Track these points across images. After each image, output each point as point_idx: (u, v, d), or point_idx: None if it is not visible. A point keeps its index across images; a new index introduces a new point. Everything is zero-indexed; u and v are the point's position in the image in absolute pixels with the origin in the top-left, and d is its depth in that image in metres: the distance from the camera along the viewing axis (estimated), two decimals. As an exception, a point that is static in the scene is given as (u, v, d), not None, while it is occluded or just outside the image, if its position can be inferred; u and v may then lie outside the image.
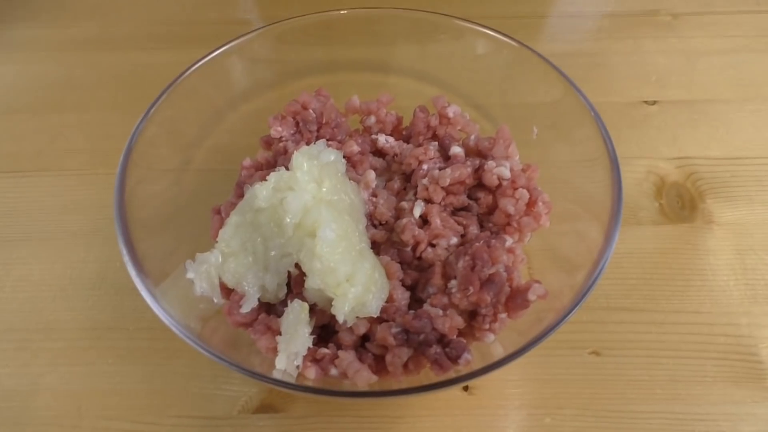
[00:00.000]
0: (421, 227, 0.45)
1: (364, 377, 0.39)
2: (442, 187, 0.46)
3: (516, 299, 0.40)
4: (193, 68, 0.52)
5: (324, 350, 0.40)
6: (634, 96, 0.69)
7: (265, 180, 0.43)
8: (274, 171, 0.44)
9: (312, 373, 0.39)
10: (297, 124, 0.51)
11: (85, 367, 0.49)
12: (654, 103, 0.68)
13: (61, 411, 0.47)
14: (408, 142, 0.53)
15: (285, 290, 0.42)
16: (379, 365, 0.40)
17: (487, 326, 0.41)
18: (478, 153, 0.49)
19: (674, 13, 0.79)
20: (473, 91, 0.59)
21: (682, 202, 0.58)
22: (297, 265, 0.41)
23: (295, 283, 0.42)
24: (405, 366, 0.40)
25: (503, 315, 0.41)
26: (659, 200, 0.59)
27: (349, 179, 0.47)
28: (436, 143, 0.50)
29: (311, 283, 0.39)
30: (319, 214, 0.39)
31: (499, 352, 0.41)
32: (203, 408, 0.47)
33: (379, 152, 0.52)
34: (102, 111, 0.69)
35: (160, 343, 0.50)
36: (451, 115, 0.52)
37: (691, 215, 0.57)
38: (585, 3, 0.81)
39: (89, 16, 0.82)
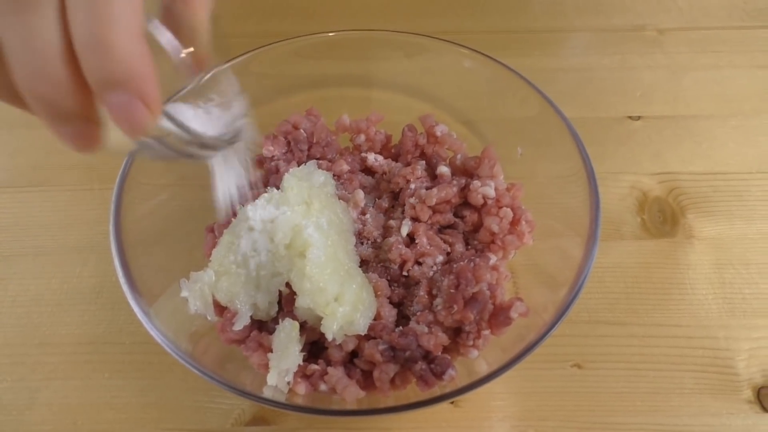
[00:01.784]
0: (408, 245, 0.47)
1: (352, 393, 0.40)
2: (429, 206, 0.48)
3: (499, 317, 0.42)
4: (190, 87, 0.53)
5: (314, 366, 0.41)
6: (619, 111, 0.70)
7: (257, 200, 0.45)
8: (266, 190, 0.46)
9: (302, 388, 0.40)
10: (288, 143, 0.53)
11: (81, 381, 0.51)
12: (638, 118, 0.69)
13: (58, 424, 0.48)
14: (397, 160, 0.54)
15: (276, 308, 0.44)
16: (367, 381, 0.42)
17: (471, 343, 0.42)
18: (465, 172, 0.51)
19: (660, 28, 0.80)
20: (462, 107, 0.60)
21: (664, 217, 0.60)
22: (288, 284, 0.43)
23: (286, 302, 0.43)
24: (392, 381, 0.41)
25: (487, 332, 0.42)
26: (642, 215, 0.60)
27: (339, 197, 0.49)
28: (424, 162, 0.52)
29: (301, 302, 0.40)
30: (309, 235, 0.41)
31: (483, 367, 0.42)
32: (197, 421, 0.48)
33: (368, 170, 0.53)
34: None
35: (155, 357, 0.51)
36: (438, 134, 0.53)
37: (673, 230, 0.59)
38: (574, 18, 0.83)
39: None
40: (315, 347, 0.44)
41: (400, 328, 0.42)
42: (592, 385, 0.50)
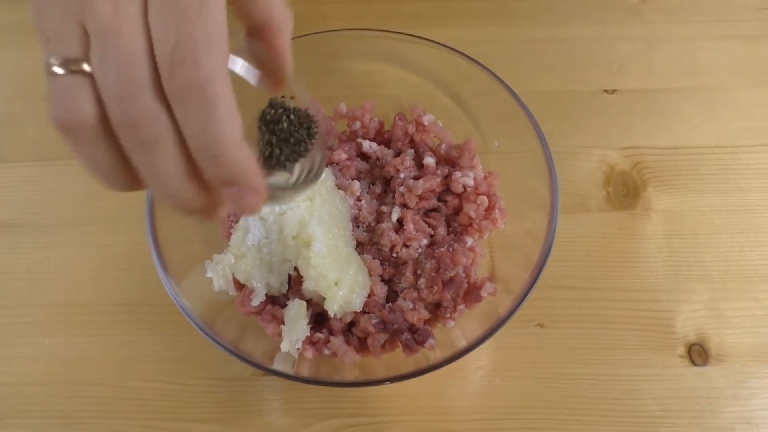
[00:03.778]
0: (397, 230, 0.54)
1: (350, 356, 0.49)
2: (416, 195, 0.55)
3: (472, 295, 0.50)
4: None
5: (318, 335, 0.50)
6: (596, 84, 0.75)
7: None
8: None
9: (309, 353, 0.50)
10: (292, 133, 0.59)
11: (122, 337, 0.60)
12: (613, 92, 0.75)
13: (106, 373, 0.58)
14: (389, 146, 0.61)
15: (287, 286, 0.52)
16: (362, 346, 0.51)
17: (448, 315, 0.51)
18: (448, 161, 0.58)
19: (643, -6, 0.84)
20: (448, 79, 0.65)
21: (627, 190, 0.67)
22: (296, 268, 0.51)
23: (295, 283, 0.52)
24: (383, 347, 0.51)
25: (462, 306, 0.51)
26: (607, 188, 0.67)
27: (338, 186, 0.56)
28: (413, 151, 0.59)
29: (307, 285, 0.49)
30: (312, 230, 0.49)
31: (458, 334, 0.51)
32: (223, 371, 0.58)
33: (363, 156, 0.60)
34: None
35: (184, 316, 0.60)
36: (426, 123, 0.59)
37: (633, 203, 0.66)
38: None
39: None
40: (319, 317, 0.53)
41: (390, 304, 0.51)
42: (551, 342, 0.59)
